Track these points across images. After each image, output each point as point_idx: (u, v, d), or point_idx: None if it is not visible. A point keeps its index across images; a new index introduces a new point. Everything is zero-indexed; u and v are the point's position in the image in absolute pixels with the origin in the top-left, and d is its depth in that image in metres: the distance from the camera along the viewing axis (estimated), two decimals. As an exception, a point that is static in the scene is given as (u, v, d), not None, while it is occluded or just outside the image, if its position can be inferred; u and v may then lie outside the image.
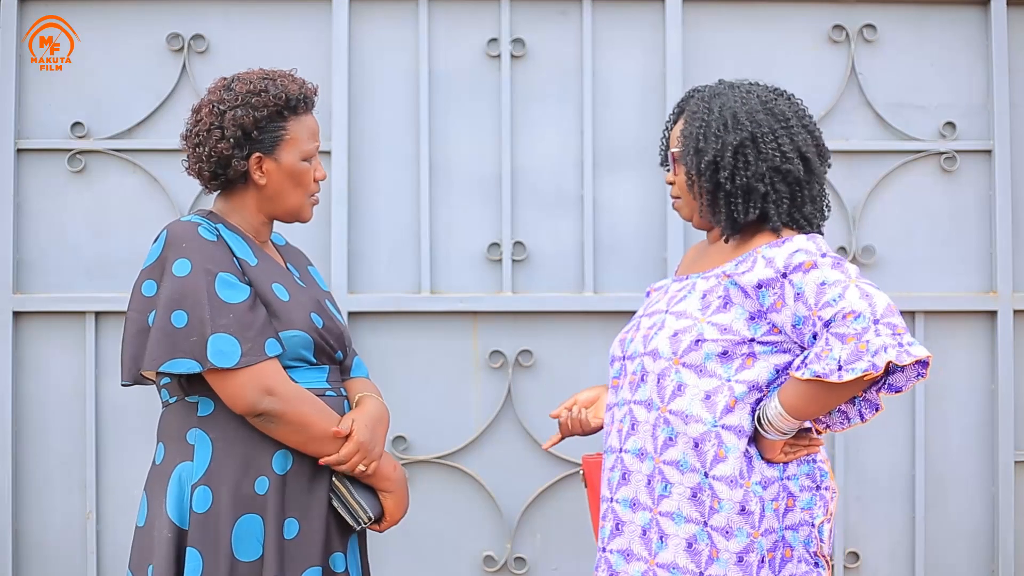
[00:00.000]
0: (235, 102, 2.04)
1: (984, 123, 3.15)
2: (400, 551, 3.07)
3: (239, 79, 2.08)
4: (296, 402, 1.98)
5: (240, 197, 2.11)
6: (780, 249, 1.97)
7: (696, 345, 1.99)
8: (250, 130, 2.04)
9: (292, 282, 2.11)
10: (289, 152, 2.07)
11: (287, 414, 1.97)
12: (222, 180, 2.09)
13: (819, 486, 2.01)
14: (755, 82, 2.11)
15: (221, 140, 2.04)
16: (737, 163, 2.01)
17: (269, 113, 2.05)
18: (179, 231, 2.00)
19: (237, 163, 2.05)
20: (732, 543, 1.94)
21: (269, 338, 1.97)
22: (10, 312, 3.02)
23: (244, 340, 1.94)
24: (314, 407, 2.01)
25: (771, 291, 1.95)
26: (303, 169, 2.09)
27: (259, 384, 1.95)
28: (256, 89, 2.05)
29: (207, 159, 2.06)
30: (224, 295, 1.95)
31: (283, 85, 2.07)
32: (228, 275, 1.97)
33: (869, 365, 1.81)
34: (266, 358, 1.96)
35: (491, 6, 3.12)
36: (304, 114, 2.10)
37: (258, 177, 2.07)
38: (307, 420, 1.99)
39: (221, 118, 2.04)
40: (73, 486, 3.05)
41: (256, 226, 2.13)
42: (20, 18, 3.04)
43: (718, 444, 1.96)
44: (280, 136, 2.06)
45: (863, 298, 1.85)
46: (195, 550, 1.97)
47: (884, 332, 1.82)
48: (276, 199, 2.10)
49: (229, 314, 1.94)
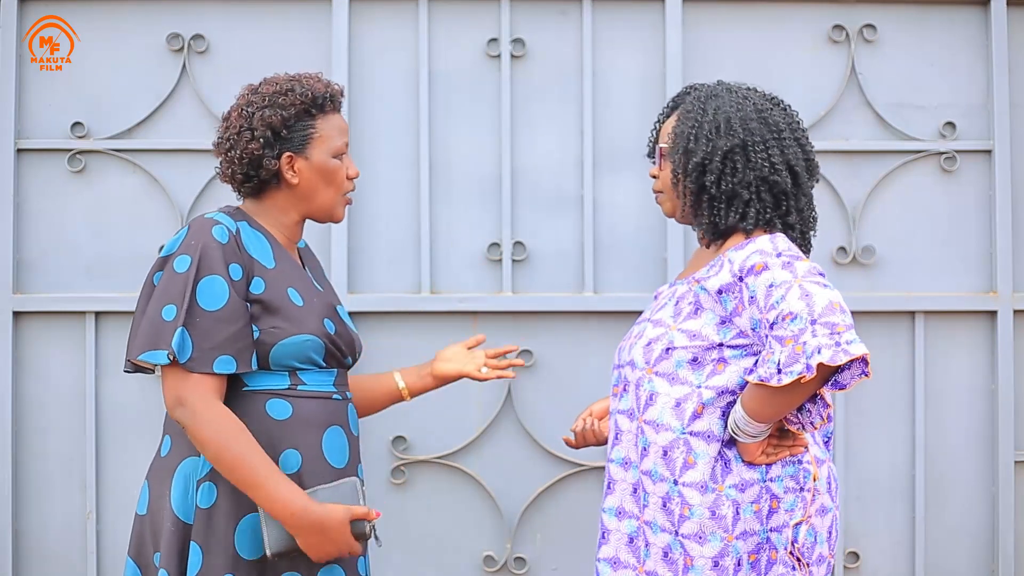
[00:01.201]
0: (263, 103, 2.08)
1: (984, 123, 3.15)
2: (400, 551, 3.07)
3: (266, 82, 2.13)
4: (207, 423, 1.94)
5: (272, 198, 2.13)
6: (741, 252, 1.97)
7: (667, 353, 1.99)
8: (279, 129, 2.07)
9: (309, 286, 2.12)
10: (319, 150, 2.10)
11: (190, 429, 1.95)
12: (255, 182, 2.11)
13: (803, 487, 2.00)
14: (752, 88, 2.11)
15: (251, 141, 2.07)
16: (725, 168, 2.01)
17: (297, 112, 2.08)
18: (196, 227, 2.03)
19: (268, 163, 2.07)
20: (707, 548, 1.94)
21: (224, 355, 1.97)
22: (10, 312, 3.02)
23: (197, 347, 1.96)
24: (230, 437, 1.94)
25: (731, 296, 1.95)
26: (335, 167, 2.12)
27: (178, 391, 1.95)
28: (283, 89, 2.09)
29: (239, 161, 2.09)
30: (201, 299, 1.97)
31: (309, 85, 2.10)
32: (217, 278, 1.98)
33: (804, 367, 1.79)
34: (207, 372, 1.96)
35: (491, 6, 3.12)
36: (332, 113, 2.14)
37: (290, 176, 2.10)
38: (212, 441, 1.93)
39: (250, 120, 2.08)
40: (73, 486, 3.05)
41: (289, 226, 2.15)
42: (20, 18, 3.04)
43: (687, 451, 1.96)
44: (309, 134, 2.09)
45: (802, 298, 1.83)
46: (197, 545, 1.98)
47: (821, 332, 1.79)
48: (309, 198, 2.13)
49: (197, 317, 1.96)
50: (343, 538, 1.96)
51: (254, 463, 1.93)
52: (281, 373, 2.05)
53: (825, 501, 2.02)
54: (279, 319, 2.02)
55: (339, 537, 1.96)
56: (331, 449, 2.08)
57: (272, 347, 2.02)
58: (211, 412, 1.95)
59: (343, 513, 1.96)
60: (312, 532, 1.94)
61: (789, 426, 1.96)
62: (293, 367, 2.05)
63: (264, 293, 2.03)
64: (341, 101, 2.17)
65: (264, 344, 2.02)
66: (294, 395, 2.05)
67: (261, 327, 2.02)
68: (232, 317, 1.98)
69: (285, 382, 2.05)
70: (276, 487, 1.93)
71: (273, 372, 2.04)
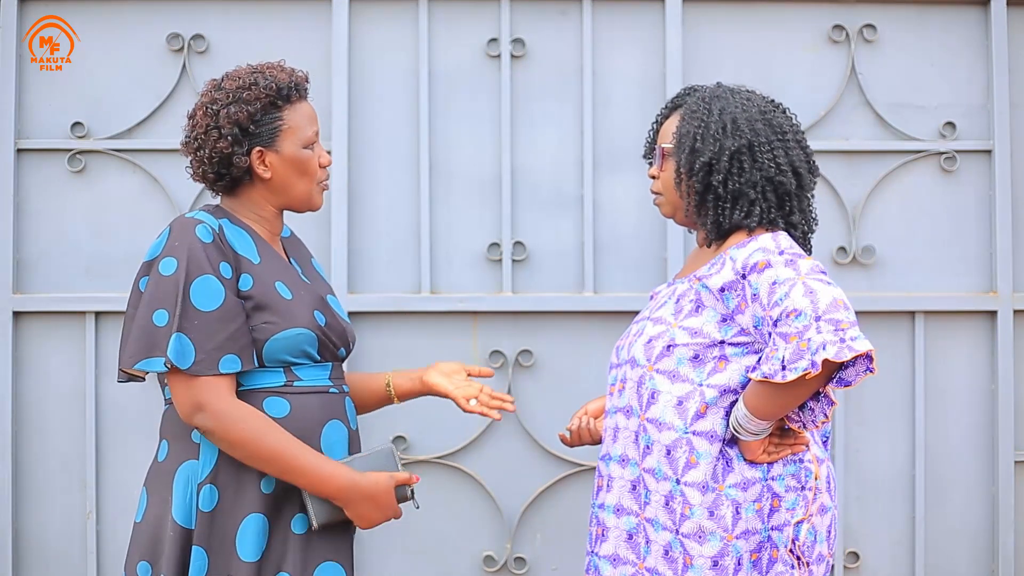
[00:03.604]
0: (227, 100, 2.04)
1: (984, 123, 3.15)
2: (400, 551, 3.07)
3: (228, 76, 2.09)
4: (235, 423, 1.94)
5: (247, 194, 2.11)
6: (743, 249, 1.97)
7: (668, 351, 1.99)
8: (246, 125, 2.04)
9: (296, 279, 2.10)
10: (289, 142, 2.07)
11: (216, 432, 1.95)
12: (227, 180, 2.08)
13: (804, 486, 2.00)
14: (752, 90, 2.11)
15: (220, 139, 2.04)
16: (732, 168, 2.01)
17: (263, 105, 2.04)
18: (178, 228, 2.00)
19: (239, 160, 2.05)
20: (706, 547, 1.94)
21: (228, 354, 1.96)
22: (10, 312, 3.02)
23: (200, 349, 1.94)
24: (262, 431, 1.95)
25: (734, 293, 1.95)
26: (306, 157, 2.09)
27: (194, 398, 1.94)
28: (246, 84, 2.05)
29: (209, 161, 2.06)
30: (196, 300, 1.95)
31: (272, 76, 2.06)
32: (209, 278, 1.96)
33: (809, 364, 1.80)
34: (215, 373, 1.94)
35: (491, 6, 3.12)
36: (298, 102, 2.10)
37: (262, 171, 2.07)
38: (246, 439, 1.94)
39: (216, 117, 2.04)
40: (73, 486, 3.05)
41: (268, 219, 2.12)
42: (20, 18, 3.04)
43: (689, 450, 1.96)
44: (277, 127, 2.06)
45: (806, 295, 1.84)
46: (201, 549, 1.97)
47: (825, 329, 1.80)
48: (283, 190, 2.10)
49: (195, 320, 1.94)
50: (391, 504, 2.04)
51: (292, 451, 1.96)
52: (276, 370, 2.03)
53: (825, 500, 2.02)
54: (269, 314, 2.01)
55: (387, 504, 2.03)
56: (331, 444, 2.07)
57: (265, 343, 2.01)
58: (237, 411, 1.95)
59: (388, 480, 2.03)
60: (362, 502, 2.01)
61: (790, 424, 1.96)
62: (287, 362, 2.03)
63: (253, 289, 2.01)
64: (307, 88, 2.12)
65: (257, 341, 2.00)
66: (291, 391, 2.04)
67: (252, 323, 2.00)
68: (230, 316, 1.97)
69: (281, 379, 2.04)
70: (320, 469, 1.97)
71: (268, 369, 2.03)
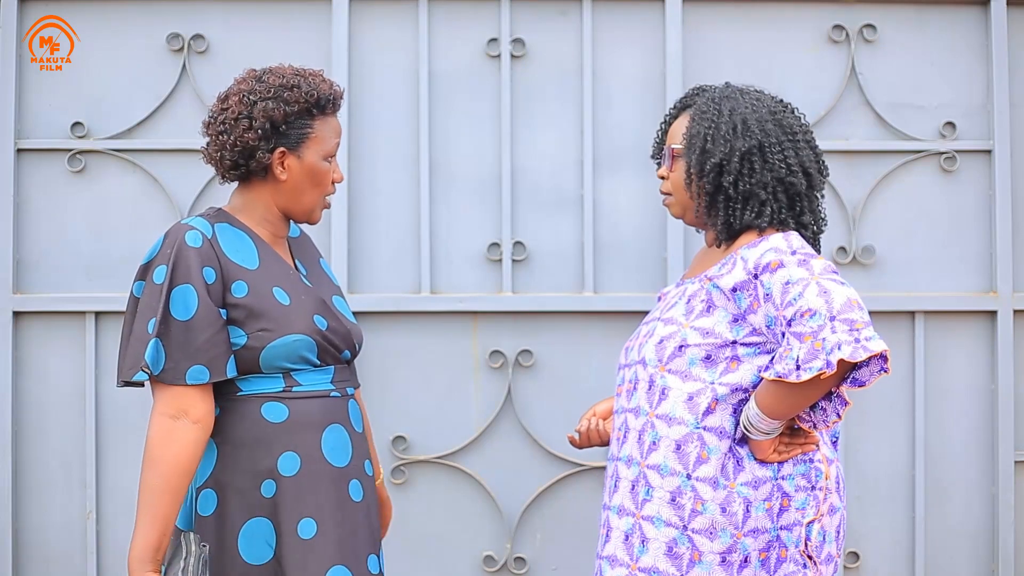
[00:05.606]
0: (267, 94, 2.04)
1: (984, 123, 3.15)
2: (400, 551, 3.06)
3: (271, 72, 2.08)
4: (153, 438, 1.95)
5: (258, 191, 2.10)
6: (755, 249, 1.97)
7: (680, 351, 1.99)
8: (279, 124, 2.04)
9: (297, 283, 2.09)
10: (313, 150, 2.08)
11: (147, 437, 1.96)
12: (242, 171, 2.08)
13: (814, 486, 2.00)
14: (761, 90, 2.11)
15: (249, 130, 2.03)
16: (743, 169, 2.01)
17: (299, 109, 2.05)
18: (170, 235, 2.01)
19: (261, 155, 2.05)
20: (716, 544, 1.94)
21: (196, 364, 1.96)
22: (10, 312, 3.02)
23: (170, 358, 1.95)
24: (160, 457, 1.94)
25: (746, 293, 1.95)
26: (324, 169, 2.10)
27: (155, 402, 1.96)
28: (289, 84, 2.05)
29: (231, 147, 2.05)
30: (174, 309, 1.96)
31: (315, 84, 2.07)
32: (187, 288, 1.96)
33: (824, 363, 1.80)
34: (181, 383, 1.95)
35: (491, 6, 3.12)
36: (331, 115, 2.11)
37: (279, 172, 2.07)
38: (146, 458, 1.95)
39: (251, 108, 2.04)
40: (73, 486, 3.05)
41: (273, 221, 2.12)
42: (20, 18, 3.04)
43: (700, 445, 1.96)
44: (306, 134, 2.07)
45: (820, 295, 1.84)
46: None
47: (840, 329, 1.80)
48: (293, 195, 2.10)
49: (172, 328, 1.95)
50: None
51: (153, 500, 1.93)
52: (274, 376, 2.03)
53: (834, 500, 2.03)
54: (265, 321, 2.00)
55: None
56: (332, 449, 2.06)
57: (261, 351, 2.00)
58: (164, 430, 1.94)
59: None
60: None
61: (801, 424, 1.96)
62: (286, 368, 2.03)
63: (247, 296, 2.01)
64: (341, 103, 2.15)
65: (253, 348, 2.00)
66: (289, 397, 2.03)
67: (247, 331, 2.00)
68: (202, 325, 1.96)
69: (279, 384, 2.03)
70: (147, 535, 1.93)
71: (266, 375, 2.02)
